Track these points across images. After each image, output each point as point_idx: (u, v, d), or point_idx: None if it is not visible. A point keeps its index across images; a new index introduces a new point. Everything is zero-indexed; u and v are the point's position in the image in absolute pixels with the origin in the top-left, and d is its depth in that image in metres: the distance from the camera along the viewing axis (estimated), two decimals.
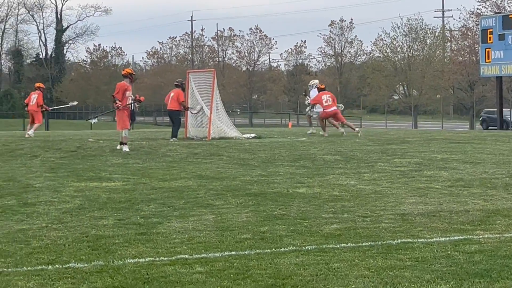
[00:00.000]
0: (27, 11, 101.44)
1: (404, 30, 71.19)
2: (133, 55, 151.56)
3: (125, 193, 11.21)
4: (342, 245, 7.44)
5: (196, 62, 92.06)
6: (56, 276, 6.21)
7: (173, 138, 22.98)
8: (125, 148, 18.74)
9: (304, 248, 7.30)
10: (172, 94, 24.30)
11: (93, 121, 27.58)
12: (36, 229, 8.31)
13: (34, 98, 25.58)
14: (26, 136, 24.10)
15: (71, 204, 10.14)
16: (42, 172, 13.96)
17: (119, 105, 19.20)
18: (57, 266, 6.56)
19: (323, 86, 27.79)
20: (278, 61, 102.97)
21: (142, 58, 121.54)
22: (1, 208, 9.72)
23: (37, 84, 27.09)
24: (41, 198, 10.67)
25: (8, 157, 16.94)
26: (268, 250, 7.21)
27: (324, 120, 26.90)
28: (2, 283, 5.98)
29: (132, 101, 20.52)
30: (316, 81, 29.23)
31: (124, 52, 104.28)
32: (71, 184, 12.23)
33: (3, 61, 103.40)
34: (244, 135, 25.23)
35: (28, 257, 6.92)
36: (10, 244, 7.52)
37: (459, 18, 78.29)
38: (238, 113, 72.05)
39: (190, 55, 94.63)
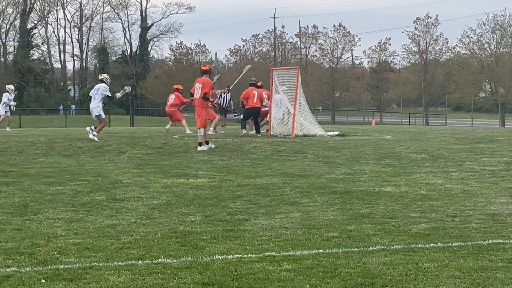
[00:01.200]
0: (112, 9, 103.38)
1: (490, 27, 69.85)
2: (216, 53, 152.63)
3: (212, 190, 11.29)
4: (431, 245, 7.32)
5: (279, 59, 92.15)
6: (146, 271, 6.28)
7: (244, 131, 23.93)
8: (201, 148, 18.33)
9: (392, 247, 7.21)
10: (255, 92, 24.60)
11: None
12: (125, 225, 8.44)
13: (171, 99, 27.40)
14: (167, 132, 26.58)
15: (158, 200, 10.26)
16: (130, 168, 14.18)
17: (215, 103, 19.31)
18: (147, 261, 6.64)
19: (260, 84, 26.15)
20: (361, 58, 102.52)
21: (225, 55, 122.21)
22: (91, 204, 9.90)
23: (175, 86, 28.52)
24: (129, 194, 10.84)
25: (96, 153, 17.27)
26: (356, 249, 7.15)
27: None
28: (94, 278, 6.07)
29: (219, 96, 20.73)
30: None
31: (207, 49, 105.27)
32: (158, 180, 12.38)
33: (89, 58, 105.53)
34: (328, 133, 25.15)
35: (119, 252, 7.03)
36: (101, 238, 7.65)
37: None
38: (320, 110, 71.88)
39: (273, 52, 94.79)
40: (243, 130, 24.75)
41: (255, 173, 13.49)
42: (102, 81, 22.45)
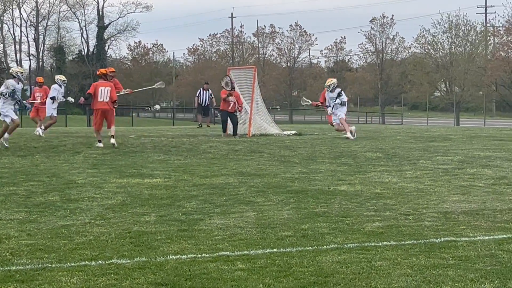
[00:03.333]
0: (68, 8, 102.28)
1: (444, 27, 70.66)
2: (173, 52, 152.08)
3: (167, 189, 11.26)
4: (385, 243, 7.39)
5: (237, 59, 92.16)
6: (99, 272, 6.25)
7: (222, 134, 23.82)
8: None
9: (346, 246, 7.26)
10: None
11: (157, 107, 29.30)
12: (79, 225, 8.38)
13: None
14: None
15: (113, 200, 10.21)
16: (85, 169, 14.08)
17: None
18: (100, 262, 6.61)
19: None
20: (318, 58, 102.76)
21: (183, 54, 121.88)
22: (45, 204, 9.82)
23: None
24: (84, 194, 10.76)
25: (51, 153, 17.10)
26: (310, 248, 7.19)
27: None
28: (46, 279, 6.03)
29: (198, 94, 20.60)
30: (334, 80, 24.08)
31: (165, 49, 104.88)
32: (114, 180, 12.31)
33: (45, 57, 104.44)
34: (285, 132, 25.22)
35: (72, 253, 6.98)
36: (54, 239, 7.59)
37: (504, 14, 77.40)
38: (278, 110, 72.00)
39: (231, 52, 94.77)
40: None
41: (211, 172, 13.49)
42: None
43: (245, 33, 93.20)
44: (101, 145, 18.84)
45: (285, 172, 13.58)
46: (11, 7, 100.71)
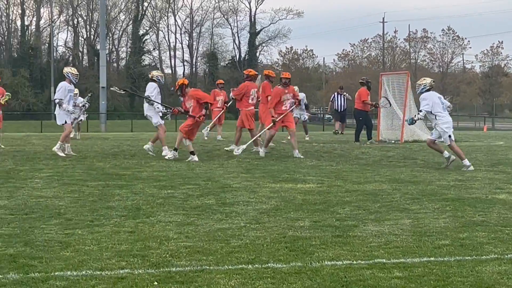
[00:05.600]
0: (222, 15, 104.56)
1: None
2: (323, 58, 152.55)
3: (320, 195, 11.27)
4: None
5: (388, 64, 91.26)
6: (256, 275, 6.31)
7: (356, 143, 23.03)
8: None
9: (506, 256, 7.02)
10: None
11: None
12: (235, 229, 8.51)
13: None
14: None
15: (267, 204, 10.31)
16: (239, 173, 14.31)
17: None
18: (256, 265, 6.67)
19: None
20: (472, 63, 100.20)
21: (333, 60, 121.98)
22: (202, 207, 10.03)
23: None
24: (238, 198, 10.93)
25: (206, 158, 17.49)
26: (469, 258, 6.99)
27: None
28: (205, 281, 6.14)
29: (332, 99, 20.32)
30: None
31: (315, 54, 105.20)
32: (267, 185, 12.45)
33: (198, 63, 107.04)
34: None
35: (229, 256, 7.09)
36: (211, 242, 7.73)
37: None
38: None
39: (382, 57, 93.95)
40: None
41: (363, 178, 13.39)
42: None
43: (398, 38, 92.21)
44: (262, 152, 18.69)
45: (439, 179, 13.30)
46: (166, 15, 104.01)
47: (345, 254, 7.15)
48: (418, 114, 16.19)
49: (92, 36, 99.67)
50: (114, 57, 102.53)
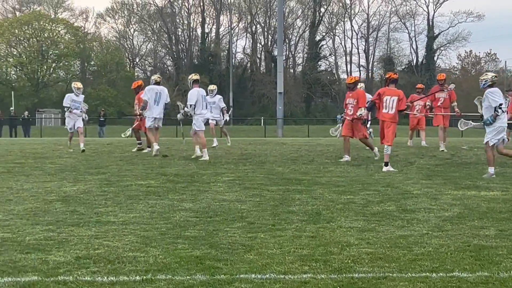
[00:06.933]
0: (399, 19, 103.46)
1: None
2: (505, 61, 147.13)
3: (506, 203, 10.88)
4: None
5: None
6: (441, 284, 6.18)
7: None
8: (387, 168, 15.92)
9: None
10: None
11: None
12: (417, 236, 8.37)
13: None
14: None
15: (450, 212, 10.07)
16: (419, 179, 14.07)
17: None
18: (441, 274, 6.53)
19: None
20: None
21: None
22: (382, 214, 9.94)
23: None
24: (419, 205, 10.74)
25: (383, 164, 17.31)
26: None
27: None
28: None
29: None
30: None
31: (498, 58, 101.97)
32: (449, 192, 12.16)
33: (374, 68, 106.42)
34: None
35: (411, 263, 6.98)
36: (393, 249, 7.64)
37: None
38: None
39: None
40: None
41: None
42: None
43: None
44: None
45: None
46: (343, 20, 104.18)
47: None
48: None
49: (269, 43, 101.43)
50: (290, 63, 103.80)
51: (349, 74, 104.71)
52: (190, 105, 18.44)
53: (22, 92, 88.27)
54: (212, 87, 24.42)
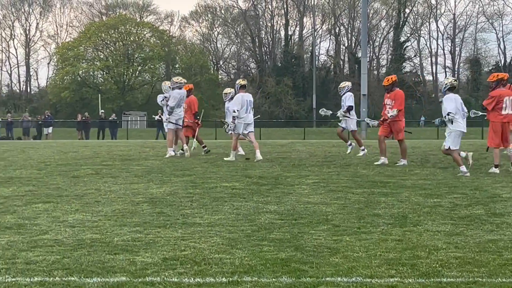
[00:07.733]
0: (486, 20, 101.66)
1: None
2: None
3: None
4: None
5: None
6: None
7: None
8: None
9: None
10: None
11: None
12: (507, 240, 8.18)
13: None
14: None
15: None
16: (508, 182, 13.76)
17: None
18: None
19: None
20: None
21: None
22: (470, 217, 9.76)
23: None
24: (509, 208, 10.50)
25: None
26: None
27: None
28: None
29: None
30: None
31: None
32: None
33: (461, 69, 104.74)
34: None
35: (502, 268, 6.83)
36: (482, 253, 7.49)
37: None
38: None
39: None
40: None
41: None
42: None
43: None
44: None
45: None
46: (428, 21, 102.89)
47: None
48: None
49: (353, 44, 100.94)
50: (374, 64, 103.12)
51: (434, 75, 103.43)
52: (235, 110, 18.98)
53: (109, 95, 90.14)
54: (228, 90, 22.00)
